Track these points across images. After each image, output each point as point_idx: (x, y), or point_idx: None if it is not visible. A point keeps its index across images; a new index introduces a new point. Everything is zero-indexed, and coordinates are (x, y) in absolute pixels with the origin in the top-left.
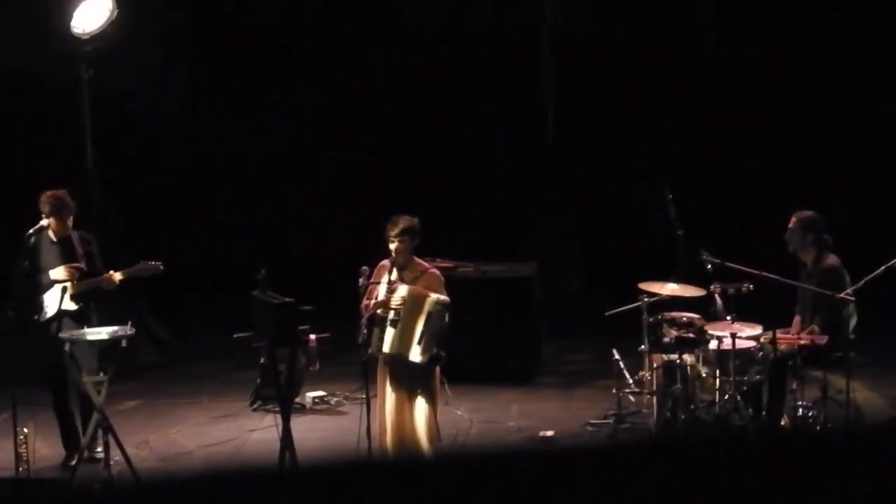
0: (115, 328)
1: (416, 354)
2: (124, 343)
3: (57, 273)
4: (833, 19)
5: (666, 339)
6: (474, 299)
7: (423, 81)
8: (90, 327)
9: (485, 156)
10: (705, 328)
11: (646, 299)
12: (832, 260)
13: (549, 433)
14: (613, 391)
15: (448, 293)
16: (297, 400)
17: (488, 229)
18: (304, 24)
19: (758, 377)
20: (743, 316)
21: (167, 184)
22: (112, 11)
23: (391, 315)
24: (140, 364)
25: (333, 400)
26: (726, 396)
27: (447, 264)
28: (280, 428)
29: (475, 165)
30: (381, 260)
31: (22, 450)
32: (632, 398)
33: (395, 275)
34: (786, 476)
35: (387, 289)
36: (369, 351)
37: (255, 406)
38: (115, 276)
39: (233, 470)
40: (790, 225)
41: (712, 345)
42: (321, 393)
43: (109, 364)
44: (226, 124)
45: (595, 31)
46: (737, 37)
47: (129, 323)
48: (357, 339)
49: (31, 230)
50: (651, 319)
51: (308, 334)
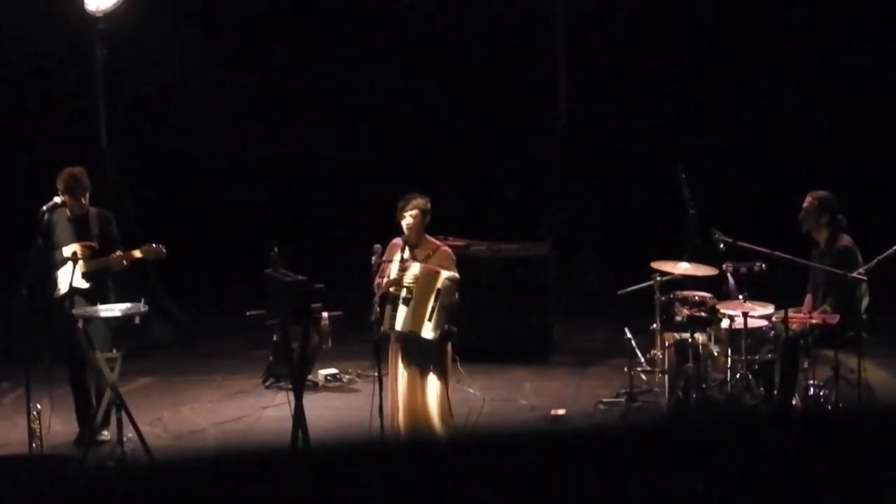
0: (129, 305)
1: (428, 331)
2: (137, 320)
3: (69, 250)
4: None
5: (678, 318)
6: (487, 278)
7: (437, 61)
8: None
9: (499, 136)
10: (717, 307)
11: (658, 278)
12: (845, 240)
13: (561, 412)
14: (625, 370)
15: (461, 272)
16: (310, 378)
17: (501, 209)
18: (316, 1)
19: (769, 356)
20: (755, 295)
21: (181, 162)
22: None
23: (404, 293)
24: (153, 342)
25: (346, 378)
26: (738, 375)
27: (460, 243)
28: (293, 405)
29: (489, 145)
30: (393, 238)
31: (35, 426)
32: (644, 377)
33: (407, 253)
34: (797, 455)
35: (399, 267)
36: (381, 329)
37: (268, 384)
38: (123, 257)
39: (246, 449)
40: (805, 205)
41: (724, 324)
42: (333, 371)
43: (123, 341)
44: (239, 102)
45: (609, 10)
46: (753, 18)
47: (143, 300)
48: (369, 317)
49: (45, 206)
50: (663, 298)
51: (320, 312)
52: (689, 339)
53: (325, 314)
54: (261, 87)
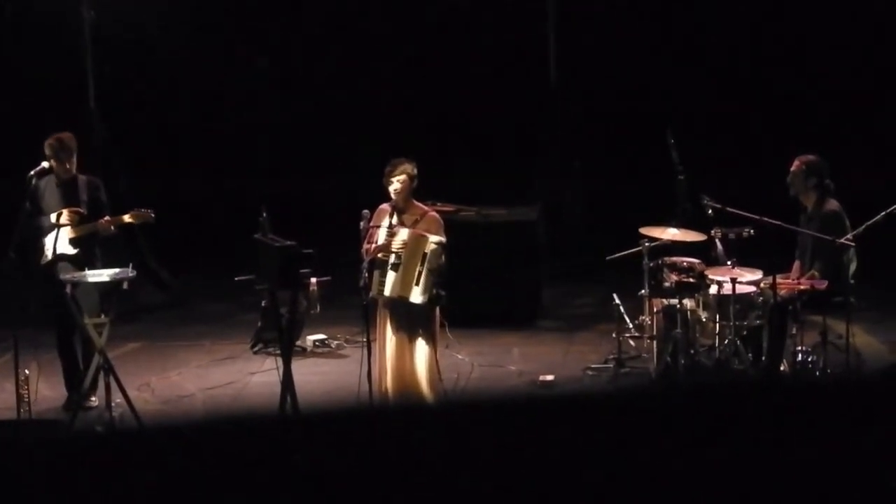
0: (117, 270)
1: (416, 296)
2: (126, 285)
3: (56, 216)
4: None
5: (666, 284)
6: (476, 243)
7: (425, 26)
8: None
9: (488, 100)
10: (706, 273)
11: (646, 244)
12: (833, 205)
13: (550, 377)
14: (614, 335)
15: (450, 237)
16: (298, 343)
17: (491, 174)
18: None
19: (758, 322)
20: (743, 261)
21: (170, 124)
22: None
23: (392, 259)
24: (142, 306)
25: (334, 343)
26: (726, 341)
27: (449, 208)
28: (281, 371)
29: (478, 110)
30: (380, 204)
31: (23, 391)
32: (632, 343)
33: (395, 219)
34: (785, 420)
35: (387, 232)
36: (370, 294)
37: (256, 349)
38: (111, 223)
39: (234, 414)
40: (793, 168)
41: (712, 289)
42: (322, 336)
43: (111, 306)
44: (230, 64)
45: None
46: None
47: (131, 265)
48: (358, 282)
49: (32, 171)
50: (652, 264)
51: (309, 277)
52: (678, 305)
53: (313, 279)
54: (250, 51)
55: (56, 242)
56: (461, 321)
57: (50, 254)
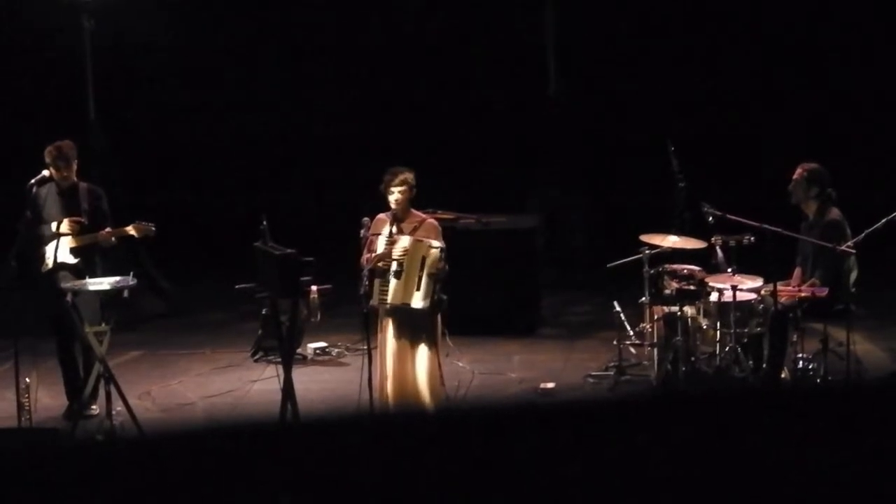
0: (118, 278)
1: (417, 301)
2: (126, 293)
3: (57, 225)
4: None
5: (667, 291)
6: (476, 251)
7: (425, 33)
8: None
9: (488, 108)
10: (706, 280)
11: (647, 251)
12: (834, 213)
13: (550, 385)
14: (614, 343)
15: (449, 245)
16: (299, 351)
17: (491, 182)
18: None
19: (758, 329)
20: (744, 268)
21: (170, 135)
22: None
23: (394, 266)
24: (143, 315)
25: (335, 351)
26: (727, 348)
27: (449, 216)
28: (281, 379)
29: (478, 118)
30: (379, 212)
31: (24, 400)
32: (633, 350)
33: (394, 227)
34: (785, 428)
35: (387, 241)
36: (370, 303)
37: (256, 357)
38: (113, 234)
39: (235, 422)
40: (795, 176)
41: (713, 297)
42: (322, 344)
43: (112, 314)
44: (228, 74)
45: None
46: None
47: (132, 273)
48: (359, 290)
49: (33, 180)
50: (652, 271)
51: (310, 285)
52: (678, 313)
53: (314, 287)
54: (251, 61)
55: (57, 251)
56: (461, 329)
57: (51, 262)
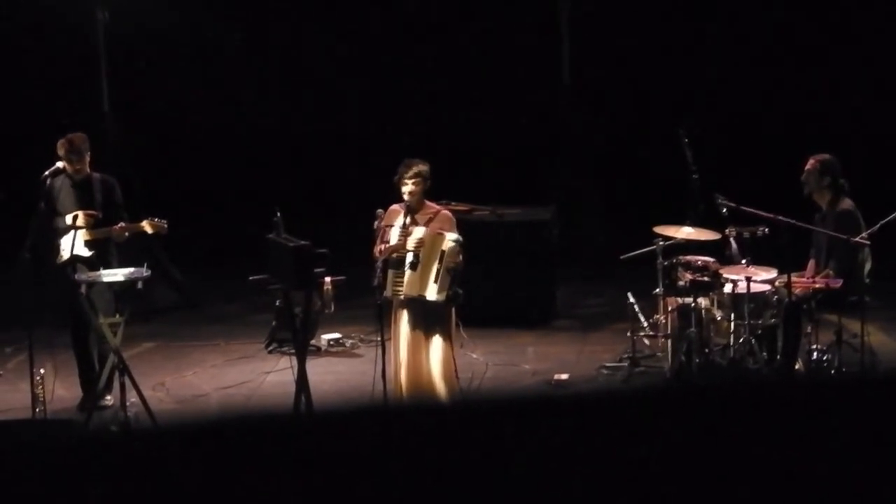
0: (131, 270)
1: (433, 294)
2: (140, 285)
3: (71, 218)
4: None
5: (681, 283)
6: (490, 243)
7: (438, 25)
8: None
9: (502, 99)
10: (720, 272)
11: (661, 243)
12: (847, 204)
13: (564, 376)
14: (628, 334)
15: (464, 236)
16: (313, 342)
17: (505, 173)
18: None
19: (772, 321)
20: (758, 259)
21: (183, 126)
22: None
23: (409, 258)
24: (156, 306)
25: (349, 342)
26: (741, 340)
27: (463, 207)
28: (295, 370)
29: (493, 109)
30: (392, 204)
31: (38, 391)
32: (646, 341)
33: (408, 219)
34: (799, 420)
35: (401, 232)
36: (384, 294)
37: (270, 348)
38: (126, 229)
39: (249, 413)
40: (807, 167)
41: (727, 288)
42: (336, 335)
43: (126, 306)
44: (244, 65)
45: None
46: None
47: (145, 265)
48: (372, 281)
49: (46, 172)
50: (666, 263)
51: (323, 277)
52: (692, 304)
53: (327, 279)
54: (264, 52)
55: (73, 244)
56: (475, 320)
57: (67, 254)
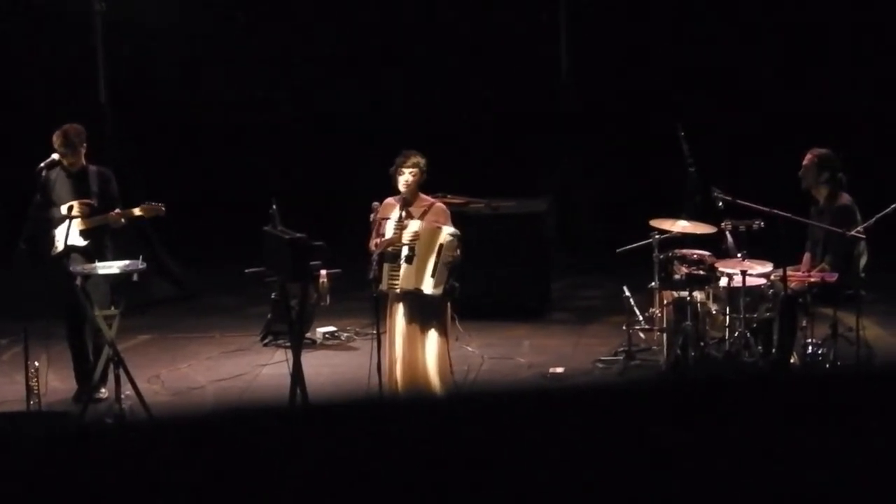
0: (127, 262)
1: (429, 287)
2: (136, 277)
3: (67, 208)
4: None
5: (676, 276)
6: (486, 235)
7: (435, 14)
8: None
9: (498, 91)
10: (716, 265)
11: (657, 236)
12: (844, 198)
13: (560, 370)
14: (624, 328)
15: (459, 229)
16: (308, 335)
17: (502, 166)
18: None
19: (768, 314)
20: (754, 253)
21: (180, 118)
22: None
23: (405, 251)
24: (152, 299)
25: (344, 335)
26: (736, 333)
27: (458, 200)
28: (291, 363)
29: (488, 100)
30: (388, 196)
31: (33, 383)
32: (642, 335)
33: (403, 212)
34: (795, 413)
35: (396, 225)
36: (380, 287)
37: (266, 341)
38: (122, 215)
39: (244, 406)
40: (805, 162)
41: (723, 282)
42: (332, 328)
43: (121, 298)
44: (239, 57)
45: None
46: None
47: (141, 257)
48: (368, 274)
49: (42, 163)
50: (662, 256)
51: (319, 269)
52: (688, 298)
53: (323, 272)
54: (262, 42)
55: (67, 234)
56: (471, 313)
57: (61, 245)
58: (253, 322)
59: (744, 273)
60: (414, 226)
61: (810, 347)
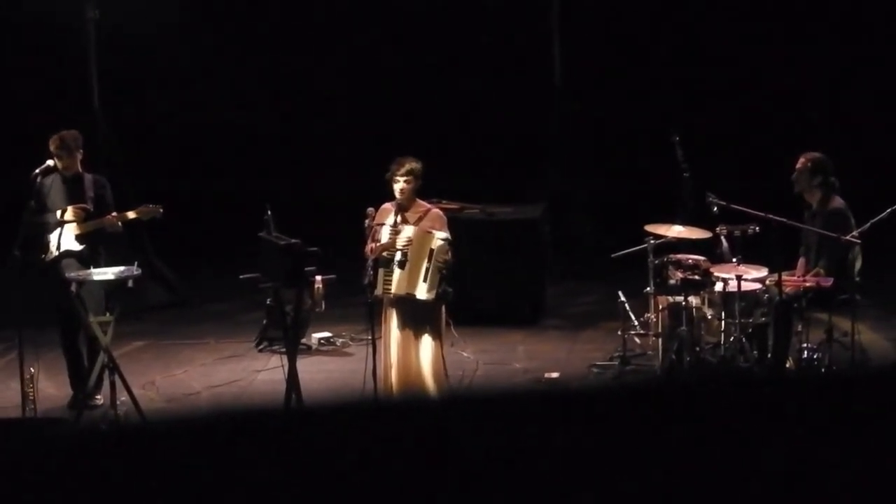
0: (122, 268)
1: (422, 292)
2: (131, 283)
3: (61, 213)
4: None
5: (672, 281)
6: (481, 241)
7: (429, 22)
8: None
9: (493, 98)
10: (711, 270)
11: (652, 241)
12: (838, 202)
13: (555, 375)
14: (619, 333)
15: (454, 235)
16: (303, 341)
17: (496, 172)
18: None
19: (763, 319)
20: (749, 258)
21: (174, 124)
22: None
23: (398, 256)
24: (147, 305)
25: (339, 341)
26: (731, 338)
27: (453, 206)
28: (286, 369)
29: (484, 107)
30: (383, 202)
31: (28, 389)
32: (637, 340)
33: (398, 217)
34: (790, 418)
35: (391, 231)
36: (375, 293)
37: (261, 347)
38: (118, 218)
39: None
40: (798, 166)
41: (718, 287)
42: (327, 334)
43: (116, 304)
44: (234, 63)
45: None
46: None
47: (136, 263)
48: (363, 280)
49: (37, 169)
50: (657, 261)
51: (314, 275)
52: (683, 303)
53: (318, 277)
54: (254, 50)
55: (61, 239)
56: (466, 319)
57: (55, 250)
58: (248, 328)
59: (739, 278)
60: (408, 231)
61: (805, 352)
